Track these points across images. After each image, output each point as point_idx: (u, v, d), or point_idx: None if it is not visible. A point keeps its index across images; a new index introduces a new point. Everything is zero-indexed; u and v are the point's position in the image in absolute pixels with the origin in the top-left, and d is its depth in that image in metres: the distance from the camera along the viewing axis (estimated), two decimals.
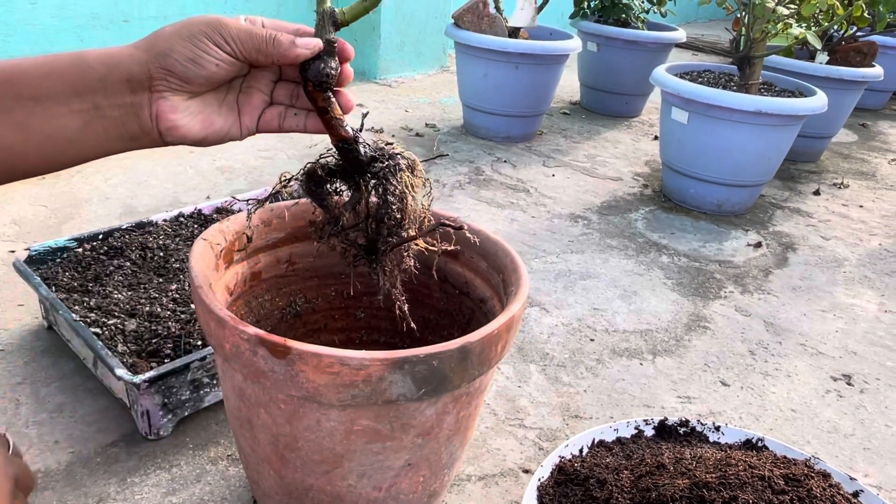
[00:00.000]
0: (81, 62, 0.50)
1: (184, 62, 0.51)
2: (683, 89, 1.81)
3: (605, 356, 1.23)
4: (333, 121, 0.58)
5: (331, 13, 0.56)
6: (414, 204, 0.61)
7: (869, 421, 1.14)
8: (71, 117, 0.50)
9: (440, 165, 2.04)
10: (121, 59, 0.51)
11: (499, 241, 0.81)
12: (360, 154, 0.60)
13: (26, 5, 2.02)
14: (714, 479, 0.73)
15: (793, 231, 1.87)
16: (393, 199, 0.60)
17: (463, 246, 0.84)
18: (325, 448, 0.65)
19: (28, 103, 0.49)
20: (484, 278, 0.82)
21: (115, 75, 0.51)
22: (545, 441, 1.01)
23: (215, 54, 0.52)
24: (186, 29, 0.52)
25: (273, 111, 0.60)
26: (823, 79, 2.24)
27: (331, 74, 0.56)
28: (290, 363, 0.58)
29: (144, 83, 0.51)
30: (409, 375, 0.59)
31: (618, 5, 2.63)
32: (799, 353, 1.30)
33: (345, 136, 0.59)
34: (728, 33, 2.27)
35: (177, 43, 0.51)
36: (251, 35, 0.53)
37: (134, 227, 1.24)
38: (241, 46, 0.53)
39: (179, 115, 0.53)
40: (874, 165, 2.51)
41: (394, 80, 2.94)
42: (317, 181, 0.63)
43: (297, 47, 0.54)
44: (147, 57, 0.51)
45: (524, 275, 0.74)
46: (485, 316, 0.81)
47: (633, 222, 1.81)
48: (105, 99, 0.51)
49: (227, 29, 0.52)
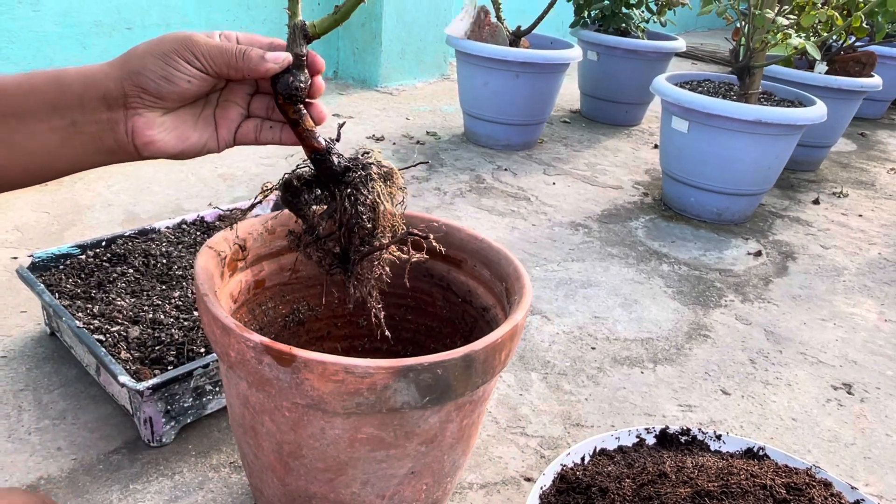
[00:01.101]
0: (60, 80, 0.52)
1: (156, 79, 0.53)
2: (684, 99, 1.82)
3: (607, 364, 1.23)
4: (305, 132, 0.59)
5: (301, 27, 0.58)
6: (387, 213, 0.62)
7: (869, 430, 1.14)
8: (51, 133, 0.52)
9: (441, 174, 2.05)
10: (96, 77, 0.53)
11: (502, 250, 0.81)
12: (333, 164, 0.60)
13: (29, 12, 2.03)
14: (716, 488, 0.73)
15: (792, 240, 1.87)
16: (363, 208, 0.61)
17: (466, 254, 0.84)
18: (329, 456, 0.65)
19: (10, 120, 0.51)
20: (487, 287, 0.83)
21: (91, 92, 0.52)
22: (547, 449, 1.01)
23: (186, 71, 0.54)
24: (158, 47, 0.53)
25: (249, 124, 0.61)
26: (822, 88, 2.25)
27: (300, 87, 0.57)
28: (295, 371, 0.58)
29: (119, 100, 0.53)
30: (414, 384, 0.59)
31: (618, 15, 2.65)
32: (799, 362, 1.31)
33: (317, 147, 0.60)
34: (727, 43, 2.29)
35: (149, 61, 0.53)
36: (221, 51, 0.54)
37: (137, 234, 1.24)
38: (212, 62, 0.54)
39: (155, 130, 0.55)
40: (873, 175, 2.52)
41: (395, 88, 2.95)
42: (293, 192, 0.64)
43: (267, 62, 0.55)
44: (121, 74, 0.53)
45: (527, 283, 0.75)
46: (487, 324, 0.81)
47: (633, 231, 1.81)
48: (82, 115, 0.53)
49: (197, 46, 0.54)
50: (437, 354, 0.60)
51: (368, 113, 2.56)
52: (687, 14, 4.91)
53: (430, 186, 1.94)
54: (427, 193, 1.89)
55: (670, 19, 2.82)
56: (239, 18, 2.56)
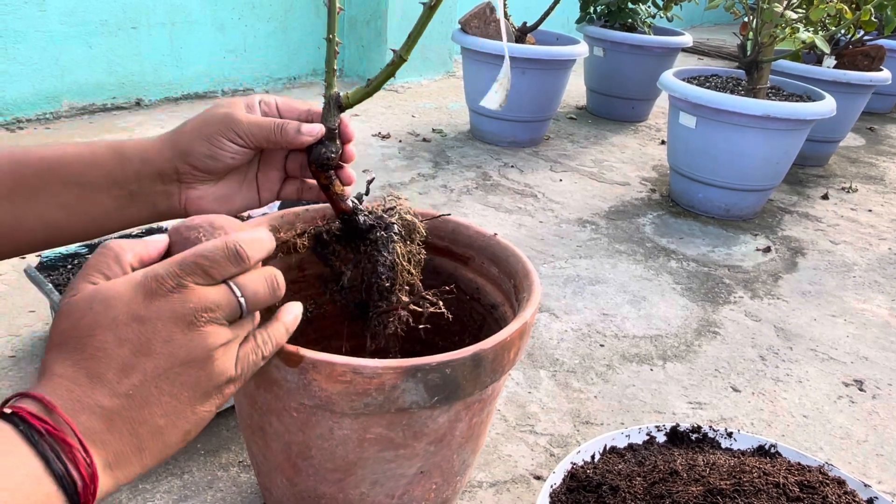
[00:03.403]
0: (121, 155, 0.58)
1: (204, 159, 0.59)
2: (691, 94, 1.81)
3: (616, 362, 1.22)
4: (335, 196, 0.65)
5: (335, 98, 0.62)
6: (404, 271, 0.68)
7: (882, 427, 1.13)
8: (111, 201, 0.58)
9: (448, 171, 2.04)
10: (152, 156, 0.59)
11: (510, 247, 0.81)
12: (359, 223, 0.67)
13: (36, 12, 2.03)
14: (728, 486, 0.72)
15: (801, 235, 1.86)
16: (382, 268, 0.66)
17: (474, 252, 0.84)
18: (338, 456, 0.65)
19: (74, 189, 0.57)
20: (495, 284, 0.82)
21: (147, 168, 0.58)
22: (556, 447, 1.01)
23: (230, 149, 0.60)
24: (204, 128, 0.59)
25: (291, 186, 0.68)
26: (831, 83, 2.23)
27: (331, 158, 0.63)
28: (302, 372, 0.58)
29: (173, 176, 0.59)
30: (422, 383, 0.59)
31: (624, 10, 2.63)
32: (810, 359, 1.30)
33: (345, 209, 0.66)
34: (734, 38, 2.27)
35: (196, 143, 0.59)
36: (261, 127, 0.60)
37: (145, 234, 1.24)
38: (253, 138, 0.60)
39: (205, 201, 0.62)
40: (882, 169, 2.50)
41: (400, 85, 2.95)
42: (322, 244, 0.70)
43: (302, 135, 0.60)
44: (172, 154, 0.59)
45: (536, 280, 0.74)
46: (496, 322, 0.80)
47: (641, 227, 1.80)
48: (139, 187, 0.59)
49: (239, 125, 0.59)
50: (446, 354, 0.59)
51: (374, 111, 2.56)
52: (693, 9, 4.88)
53: (436, 184, 1.94)
54: (434, 191, 1.88)
55: (677, 14, 2.81)
56: (244, 17, 2.56)
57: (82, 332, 0.40)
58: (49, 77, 2.12)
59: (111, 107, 2.30)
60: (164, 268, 0.42)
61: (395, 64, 0.63)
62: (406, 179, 1.95)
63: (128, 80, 2.32)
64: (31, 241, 0.58)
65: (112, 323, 0.40)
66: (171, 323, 0.41)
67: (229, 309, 0.43)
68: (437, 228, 0.83)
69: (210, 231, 0.49)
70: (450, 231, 0.84)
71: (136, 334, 0.40)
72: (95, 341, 0.40)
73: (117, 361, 0.40)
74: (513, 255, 0.80)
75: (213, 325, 0.42)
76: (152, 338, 0.40)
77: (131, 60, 2.31)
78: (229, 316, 0.43)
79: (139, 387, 0.40)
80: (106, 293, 0.41)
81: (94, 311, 0.40)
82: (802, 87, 2.06)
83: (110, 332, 0.40)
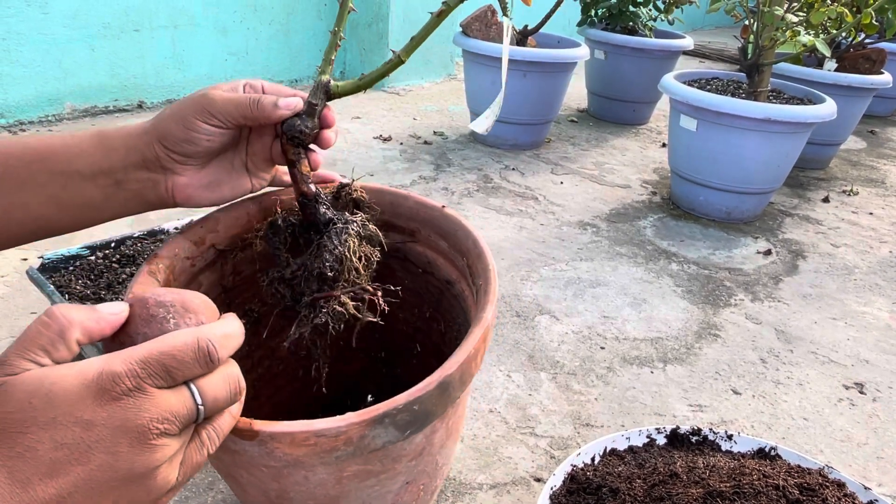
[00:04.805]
0: (105, 144, 0.57)
1: (179, 143, 0.57)
2: (692, 97, 1.81)
3: (616, 364, 1.22)
4: (299, 175, 0.62)
5: (325, 84, 0.61)
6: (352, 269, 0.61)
7: (882, 430, 1.13)
8: (97, 190, 0.57)
9: (449, 173, 2.05)
10: (136, 143, 0.57)
11: (456, 219, 0.74)
12: (317, 213, 0.63)
13: (39, 15, 2.04)
14: (728, 489, 0.72)
15: (802, 238, 1.86)
16: (329, 256, 0.61)
17: (418, 224, 0.78)
18: (319, 494, 0.62)
19: (60, 179, 0.55)
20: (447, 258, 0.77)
21: (132, 157, 0.57)
22: (556, 449, 1.01)
23: (205, 131, 0.57)
24: (180, 111, 0.57)
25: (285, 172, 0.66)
26: (832, 86, 2.23)
27: (304, 131, 0.60)
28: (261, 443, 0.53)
29: (156, 163, 0.58)
30: (392, 426, 0.55)
31: (625, 13, 2.64)
32: (810, 362, 1.30)
33: (305, 192, 0.62)
34: (735, 40, 2.27)
35: (171, 126, 0.57)
36: (236, 104, 0.57)
37: (146, 236, 1.24)
38: (228, 116, 0.57)
39: (192, 188, 0.60)
40: (883, 172, 2.50)
41: (402, 88, 2.95)
42: (275, 230, 0.66)
43: (279, 108, 0.58)
44: (151, 139, 0.57)
45: (490, 263, 0.67)
46: (455, 298, 0.76)
47: (641, 230, 1.81)
48: (125, 176, 0.57)
49: (213, 104, 0.57)
50: (411, 391, 0.55)
51: (375, 113, 2.56)
52: (694, 12, 4.89)
53: (437, 186, 1.94)
54: (435, 193, 1.89)
55: (678, 17, 2.81)
56: (246, 20, 2.57)
57: (14, 426, 0.35)
58: (52, 79, 2.13)
59: (113, 109, 2.31)
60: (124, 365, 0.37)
61: (392, 64, 0.62)
62: (407, 182, 1.95)
63: (130, 82, 2.33)
64: (19, 233, 0.56)
65: (51, 423, 0.35)
66: (119, 433, 0.36)
67: (186, 418, 0.39)
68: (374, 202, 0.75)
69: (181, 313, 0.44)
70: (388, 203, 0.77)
71: (76, 440, 0.35)
72: (26, 440, 0.35)
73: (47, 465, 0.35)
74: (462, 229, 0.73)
75: (165, 438, 0.38)
76: (94, 446, 0.36)
77: (134, 63, 2.31)
78: (184, 423, 0.39)
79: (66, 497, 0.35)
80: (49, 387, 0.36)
81: (31, 405, 0.35)
82: (803, 90, 2.06)
83: (46, 433, 0.35)
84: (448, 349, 0.80)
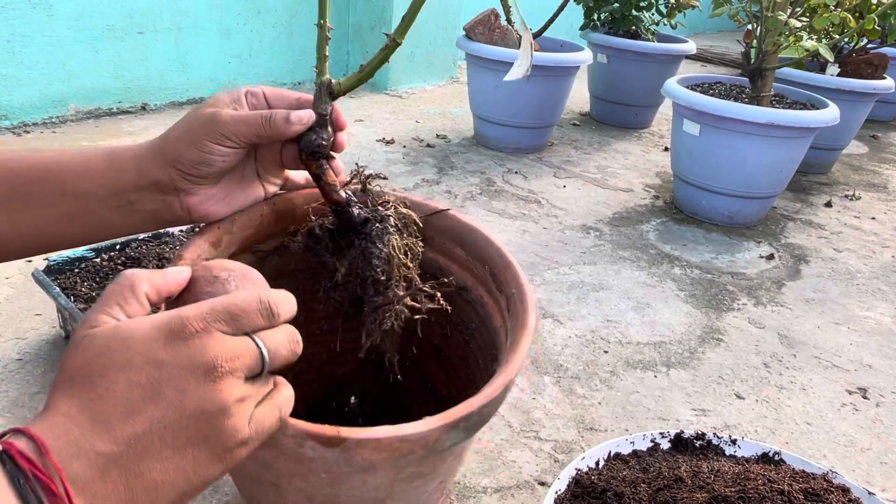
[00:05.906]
0: (116, 166, 0.56)
1: (195, 166, 0.57)
2: (695, 101, 1.82)
3: (620, 368, 1.23)
4: (327, 186, 0.62)
5: (327, 85, 0.61)
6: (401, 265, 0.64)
7: (885, 435, 1.13)
8: (110, 211, 0.57)
9: (452, 177, 2.05)
10: (147, 166, 0.56)
11: (476, 228, 0.75)
12: (352, 216, 0.63)
13: (43, 17, 2.04)
14: (733, 493, 0.72)
15: (805, 243, 1.86)
16: (378, 262, 0.63)
17: (432, 232, 0.78)
18: (368, 498, 0.62)
19: (71, 198, 0.55)
20: (462, 265, 0.77)
21: (144, 180, 0.56)
22: (560, 453, 1.01)
23: (219, 152, 0.57)
24: (189, 133, 0.56)
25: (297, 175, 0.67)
26: (834, 91, 2.24)
27: (322, 145, 0.60)
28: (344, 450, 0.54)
29: (170, 185, 0.57)
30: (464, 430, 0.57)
31: (628, 17, 2.64)
32: (814, 366, 1.30)
33: (337, 200, 0.63)
34: (737, 45, 2.28)
35: (184, 150, 0.56)
36: (248, 124, 0.57)
37: (151, 238, 1.25)
38: (241, 137, 0.57)
39: (207, 205, 0.60)
40: (885, 177, 2.50)
41: (405, 91, 2.96)
42: (315, 239, 0.66)
43: (292, 124, 0.58)
44: (163, 163, 0.56)
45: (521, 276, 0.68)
46: (468, 304, 0.76)
47: (644, 234, 1.81)
48: (139, 197, 0.57)
49: (225, 126, 0.56)
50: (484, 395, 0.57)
51: (378, 116, 2.57)
52: (697, 16, 4.90)
53: (440, 189, 1.94)
54: (438, 197, 1.89)
55: (680, 22, 2.82)
56: (250, 22, 2.57)
57: (94, 370, 0.38)
58: (56, 81, 2.13)
59: (117, 111, 2.31)
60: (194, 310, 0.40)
61: (389, 48, 0.62)
62: (410, 185, 1.95)
63: (134, 84, 2.33)
64: (27, 247, 0.56)
65: (126, 364, 0.38)
66: (186, 370, 0.38)
67: (251, 361, 0.41)
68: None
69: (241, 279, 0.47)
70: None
71: (149, 378, 0.38)
72: (106, 381, 0.37)
73: (124, 405, 0.37)
74: (482, 238, 0.73)
75: (231, 378, 0.39)
76: (164, 384, 0.38)
77: (137, 65, 2.32)
78: (249, 370, 0.41)
79: (142, 436, 0.37)
80: (126, 332, 0.39)
81: (111, 349, 0.38)
82: (806, 94, 2.06)
83: (122, 374, 0.38)
84: (451, 352, 0.81)
